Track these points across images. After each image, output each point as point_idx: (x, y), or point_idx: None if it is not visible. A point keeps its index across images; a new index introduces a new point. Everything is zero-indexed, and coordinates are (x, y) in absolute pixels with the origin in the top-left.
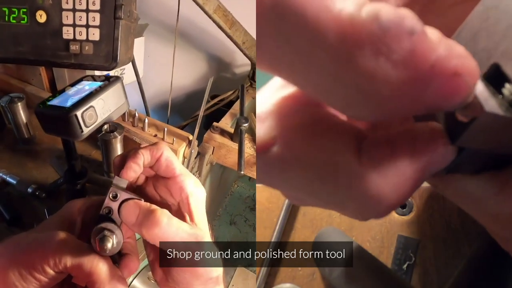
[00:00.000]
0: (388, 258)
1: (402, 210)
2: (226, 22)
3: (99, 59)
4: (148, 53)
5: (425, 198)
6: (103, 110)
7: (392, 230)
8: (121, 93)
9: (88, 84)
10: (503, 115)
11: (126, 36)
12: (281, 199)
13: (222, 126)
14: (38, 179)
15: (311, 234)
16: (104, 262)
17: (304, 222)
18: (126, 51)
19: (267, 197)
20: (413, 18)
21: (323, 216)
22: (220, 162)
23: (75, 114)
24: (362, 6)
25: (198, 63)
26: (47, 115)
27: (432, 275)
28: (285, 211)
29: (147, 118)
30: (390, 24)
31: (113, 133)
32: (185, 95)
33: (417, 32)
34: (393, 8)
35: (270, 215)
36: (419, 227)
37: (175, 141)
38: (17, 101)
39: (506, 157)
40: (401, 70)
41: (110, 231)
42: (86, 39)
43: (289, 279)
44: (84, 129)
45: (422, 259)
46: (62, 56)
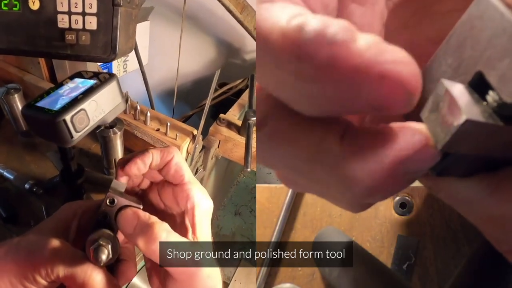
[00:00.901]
0: (388, 258)
1: (402, 210)
2: (237, 5)
3: (97, 50)
4: (154, 38)
5: (425, 198)
6: (95, 112)
7: (392, 230)
8: (116, 92)
9: (81, 82)
10: (485, 122)
11: (127, 24)
12: (281, 199)
13: (229, 118)
14: (36, 173)
15: (311, 234)
16: (98, 272)
17: (304, 222)
18: (127, 40)
19: (267, 197)
20: (339, 27)
21: (323, 216)
22: (226, 156)
23: (63, 119)
24: (293, 18)
25: (206, 48)
26: (33, 118)
27: (432, 275)
28: (285, 211)
29: (150, 111)
30: (312, 33)
31: (113, 129)
32: (192, 82)
33: (338, 40)
34: (321, 19)
35: (270, 215)
36: (419, 227)
37: (178, 136)
38: (13, 92)
39: (495, 161)
40: (323, 73)
41: (106, 239)
42: (83, 28)
43: (289, 279)
44: (74, 134)
45: (422, 259)
46: (57, 47)
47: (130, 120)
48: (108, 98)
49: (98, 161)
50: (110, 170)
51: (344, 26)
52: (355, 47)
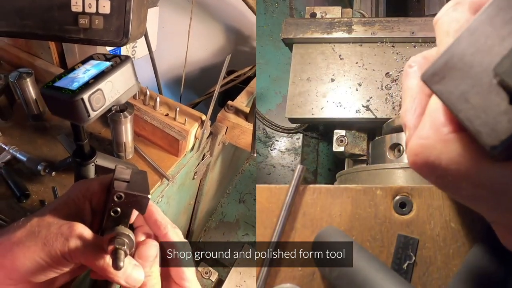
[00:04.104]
0: (388, 258)
1: (402, 209)
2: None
3: (109, 34)
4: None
5: (425, 197)
6: (111, 92)
7: (392, 229)
8: (131, 74)
9: (97, 64)
10: None
11: (139, 8)
12: (281, 199)
13: (237, 105)
14: (48, 156)
15: (311, 234)
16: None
17: (304, 222)
18: (139, 25)
19: (267, 197)
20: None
21: (323, 216)
22: (233, 143)
23: (81, 98)
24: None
25: (216, 35)
26: (52, 97)
27: (432, 275)
28: (285, 211)
29: (159, 97)
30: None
31: (123, 112)
32: (200, 70)
33: None
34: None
35: (270, 215)
36: (419, 226)
37: (187, 121)
38: (25, 76)
39: None
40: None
41: (122, 240)
42: (96, 12)
43: (289, 279)
44: (91, 113)
45: (422, 258)
46: (71, 31)
47: (139, 105)
48: (123, 79)
49: (108, 145)
50: (119, 154)
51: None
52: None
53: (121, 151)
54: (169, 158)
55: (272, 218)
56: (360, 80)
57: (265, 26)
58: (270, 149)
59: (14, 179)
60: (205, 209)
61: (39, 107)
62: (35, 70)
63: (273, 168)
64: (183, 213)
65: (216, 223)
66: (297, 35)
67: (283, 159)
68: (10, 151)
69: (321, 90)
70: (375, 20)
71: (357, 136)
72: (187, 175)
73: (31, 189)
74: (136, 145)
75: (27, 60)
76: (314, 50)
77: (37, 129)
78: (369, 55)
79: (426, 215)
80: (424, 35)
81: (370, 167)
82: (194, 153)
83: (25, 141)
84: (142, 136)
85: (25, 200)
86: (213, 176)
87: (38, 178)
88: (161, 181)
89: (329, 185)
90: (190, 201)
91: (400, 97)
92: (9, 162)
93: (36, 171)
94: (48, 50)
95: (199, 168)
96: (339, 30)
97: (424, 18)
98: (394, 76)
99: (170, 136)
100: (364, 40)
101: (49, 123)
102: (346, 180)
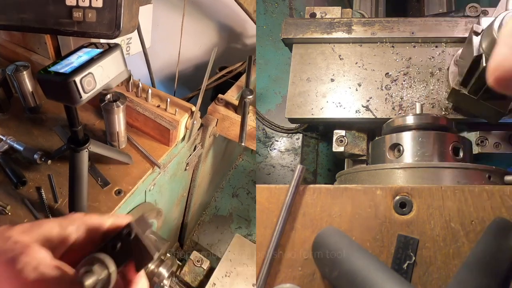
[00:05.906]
0: (388, 258)
1: (402, 209)
2: None
3: (102, 27)
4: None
5: (425, 197)
6: (102, 77)
7: (392, 229)
8: (120, 60)
9: (89, 51)
10: None
11: (130, 3)
12: (281, 199)
13: (227, 98)
14: (44, 146)
15: (311, 234)
16: None
17: (304, 222)
18: (131, 19)
19: (267, 197)
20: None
21: (323, 216)
22: (223, 134)
23: (73, 80)
24: None
25: (208, 32)
26: (47, 81)
27: (432, 275)
28: (285, 211)
29: (151, 89)
30: None
31: (116, 102)
32: (193, 67)
33: None
34: None
35: (270, 215)
36: (419, 226)
37: (177, 112)
38: (22, 69)
39: None
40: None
41: (101, 268)
42: (89, 6)
43: (289, 279)
44: (82, 94)
45: (422, 258)
46: (65, 24)
47: (132, 97)
48: (113, 65)
49: (102, 136)
50: (113, 143)
51: None
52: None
53: (114, 140)
54: (160, 147)
55: (272, 218)
56: (359, 80)
57: (265, 26)
58: (269, 149)
59: (12, 167)
60: (199, 202)
61: (36, 100)
62: (31, 64)
63: (273, 168)
64: (177, 205)
65: (210, 216)
66: (297, 35)
67: (283, 159)
68: (8, 141)
69: (321, 90)
70: (375, 20)
71: (357, 136)
72: (178, 165)
73: (28, 177)
74: (128, 135)
75: (24, 55)
76: (314, 50)
77: (33, 121)
78: (368, 55)
79: (426, 215)
80: (424, 35)
81: (370, 167)
82: (185, 144)
83: (22, 132)
84: (134, 127)
85: (22, 187)
86: (205, 169)
87: (35, 167)
88: (153, 169)
89: (329, 185)
90: (183, 193)
91: (400, 97)
92: (7, 151)
93: (33, 160)
94: (44, 45)
95: (190, 160)
96: (338, 30)
97: (424, 18)
98: (394, 76)
99: (162, 126)
100: (364, 40)
101: (45, 115)
102: (346, 180)
